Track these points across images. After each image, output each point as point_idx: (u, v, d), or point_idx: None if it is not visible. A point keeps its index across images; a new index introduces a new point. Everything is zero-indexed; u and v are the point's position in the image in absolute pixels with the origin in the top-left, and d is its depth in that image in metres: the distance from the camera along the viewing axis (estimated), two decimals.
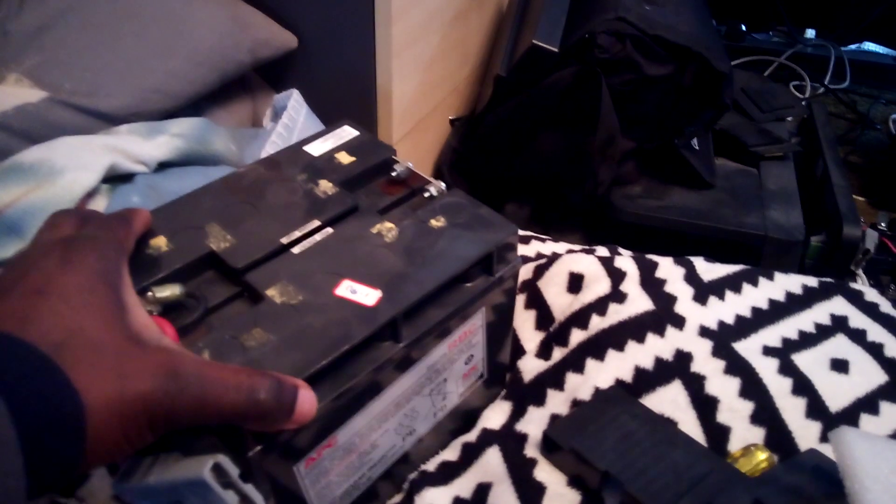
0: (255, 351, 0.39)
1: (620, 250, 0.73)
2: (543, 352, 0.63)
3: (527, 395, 0.59)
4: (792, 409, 0.56)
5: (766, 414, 0.56)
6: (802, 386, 0.58)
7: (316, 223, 0.48)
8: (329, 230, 0.48)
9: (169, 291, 0.42)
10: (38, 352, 0.29)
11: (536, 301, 0.66)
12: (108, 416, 0.30)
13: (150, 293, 0.41)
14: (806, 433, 0.55)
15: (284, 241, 0.46)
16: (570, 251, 0.72)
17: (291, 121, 0.72)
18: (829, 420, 0.56)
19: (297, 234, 0.47)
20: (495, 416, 0.58)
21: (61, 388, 0.29)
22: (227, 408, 0.33)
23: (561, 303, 0.65)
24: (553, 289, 0.66)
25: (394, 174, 0.53)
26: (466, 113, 1.18)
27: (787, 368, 0.59)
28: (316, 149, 0.55)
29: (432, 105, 1.05)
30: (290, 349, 0.40)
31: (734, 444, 0.54)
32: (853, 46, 1.66)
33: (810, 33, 1.65)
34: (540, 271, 0.68)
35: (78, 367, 0.30)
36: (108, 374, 0.31)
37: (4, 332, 0.30)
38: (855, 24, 1.58)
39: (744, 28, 1.66)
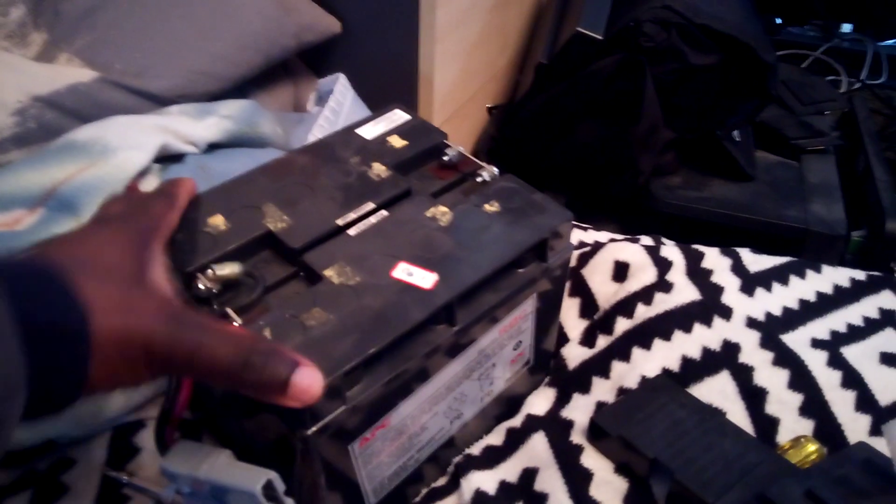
0: (316, 330, 0.40)
1: (664, 240, 0.72)
2: (587, 339, 0.63)
3: (572, 382, 0.59)
4: (841, 402, 0.56)
5: (815, 406, 0.55)
6: (852, 379, 0.57)
7: (371, 205, 0.48)
8: (384, 213, 0.48)
9: (228, 270, 0.42)
10: (47, 261, 0.32)
11: (580, 289, 0.66)
12: (109, 337, 0.32)
13: (209, 271, 0.42)
14: (855, 426, 0.55)
15: (340, 222, 0.47)
16: (612, 240, 0.71)
17: (338, 104, 0.72)
18: (879, 413, 0.55)
19: (352, 215, 0.47)
20: (540, 402, 0.58)
21: (65, 292, 0.31)
22: (220, 361, 0.34)
23: (605, 291, 0.65)
24: (598, 277, 0.66)
25: (445, 158, 0.53)
26: (504, 101, 1.18)
27: (836, 361, 0.59)
28: (368, 132, 0.55)
29: (471, 92, 1.05)
30: (349, 329, 0.40)
31: (783, 436, 0.54)
32: (890, 41, 1.63)
33: (847, 27, 1.62)
34: (584, 259, 0.68)
35: (87, 285, 0.32)
36: (113, 299, 0.33)
37: (23, 254, 0.33)
38: (892, 19, 1.55)
39: (779, 22, 1.63)
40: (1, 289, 0.28)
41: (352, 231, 0.46)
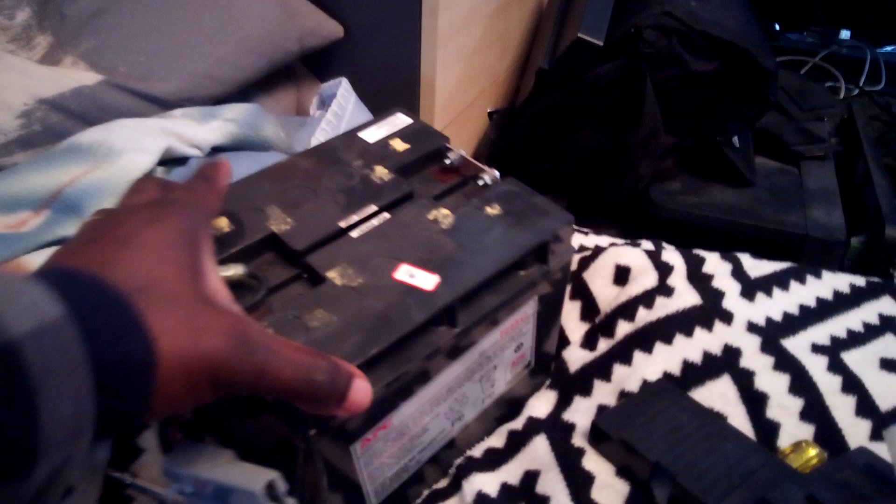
0: (319, 331, 0.40)
1: (664, 244, 0.72)
2: (588, 343, 0.63)
3: (573, 385, 0.59)
4: (842, 407, 0.56)
5: (815, 411, 0.56)
6: (852, 384, 0.58)
7: (373, 208, 0.49)
8: (386, 215, 0.48)
9: (232, 271, 0.42)
10: (114, 290, 0.29)
11: (581, 292, 0.66)
12: (177, 365, 0.30)
13: None
14: (856, 431, 0.55)
15: (343, 224, 0.47)
16: (613, 244, 0.72)
17: (341, 108, 0.72)
18: (880, 419, 0.56)
19: (354, 218, 0.48)
20: (541, 404, 0.59)
21: (135, 326, 0.29)
22: (284, 382, 0.33)
23: (606, 294, 0.65)
24: (599, 280, 0.66)
25: (447, 162, 0.54)
26: (505, 106, 1.19)
27: (837, 366, 0.59)
28: (370, 135, 0.55)
29: (472, 97, 1.06)
30: (352, 330, 0.40)
31: (783, 441, 0.54)
32: (889, 48, 1.63)
33: (845, 34, 1.62)
34: (585, 263, 0.68)
35: (153, 313, 0.30)
36: (181, 325, 0.31)
37: (84, 270, 0.30)
38: (891, 25, 1.55)
39: (777, 28, 1.64)
40: (71, 313, 0.26)
41: (354, 233, 0.47)
